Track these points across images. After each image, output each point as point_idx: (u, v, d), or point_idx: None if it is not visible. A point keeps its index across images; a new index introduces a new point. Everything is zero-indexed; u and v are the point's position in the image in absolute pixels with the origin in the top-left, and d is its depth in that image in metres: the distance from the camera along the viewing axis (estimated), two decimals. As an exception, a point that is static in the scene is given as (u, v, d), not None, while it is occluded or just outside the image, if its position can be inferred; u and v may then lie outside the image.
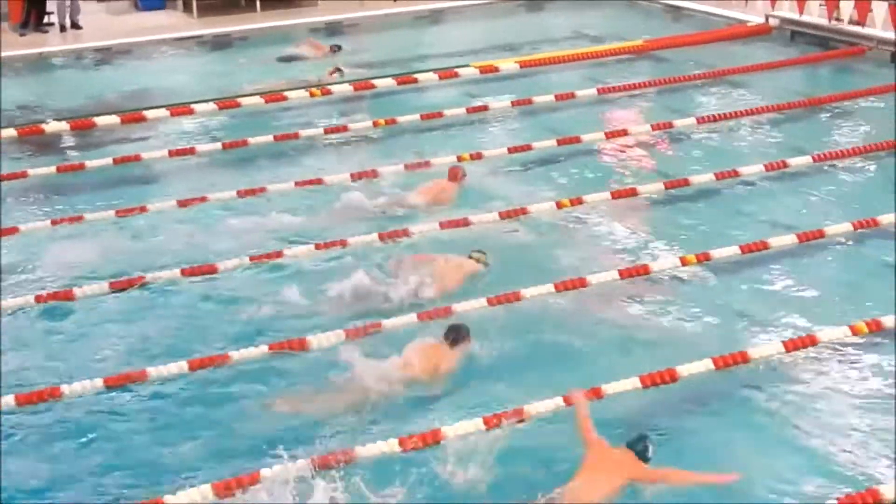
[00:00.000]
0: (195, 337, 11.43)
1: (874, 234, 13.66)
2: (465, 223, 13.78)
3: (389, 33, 22.90)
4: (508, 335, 11.25)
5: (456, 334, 10.82)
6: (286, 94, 18.64)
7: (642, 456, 9.16)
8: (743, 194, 14.92)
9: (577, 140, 16.56)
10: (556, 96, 18.68)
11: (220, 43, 22.55)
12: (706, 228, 13.89)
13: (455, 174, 14.91)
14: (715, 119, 17.55)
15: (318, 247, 13.18)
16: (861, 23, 21.13)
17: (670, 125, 17.27)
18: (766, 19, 22.69)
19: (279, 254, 13.01)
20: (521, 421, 9.78)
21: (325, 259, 13.03)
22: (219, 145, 16.70)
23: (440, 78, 19.68)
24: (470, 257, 12.54)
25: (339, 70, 19.85)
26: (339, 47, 21.46)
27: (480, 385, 10.51)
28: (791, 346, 10.93)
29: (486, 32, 23.19)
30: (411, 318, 11.52)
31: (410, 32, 23.18)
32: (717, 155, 16.27)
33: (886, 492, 8.91)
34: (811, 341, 11.03)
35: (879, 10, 20.78)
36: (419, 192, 14.70)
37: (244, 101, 18.36)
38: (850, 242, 13.49)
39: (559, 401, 9.97)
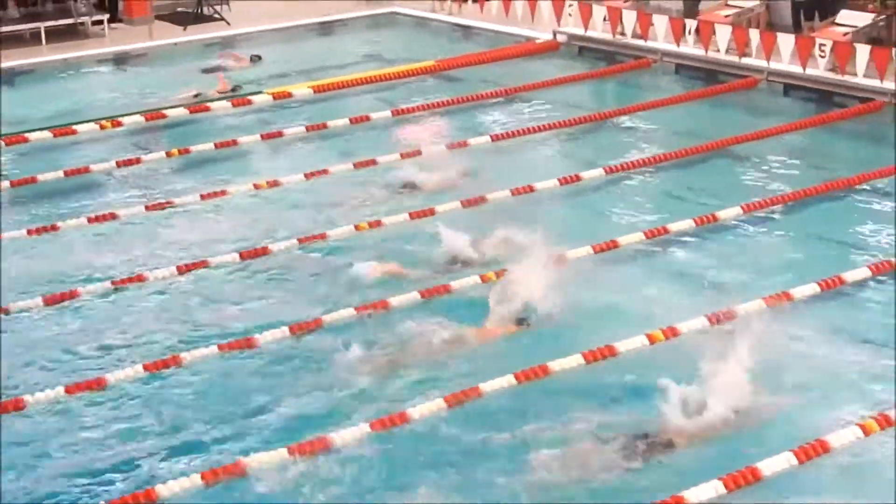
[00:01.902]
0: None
1: (665, 241, 14.01)
2: (265, 251, 13.71)
3: (180, 63, 22.59)
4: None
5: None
6: (76, 127, 18.22)
7: None
8: (538, 209, 15.10)
9: (373, 163, 16.58)
10: (350, 119, 18.68)
11: (4, 77, 21.89)
12: (504, 245, 13.99)
13: None
14: (508, 136, 17.76)
15: (114, 283, 12.94)
16: (644, 36, 21.67)
17: (465, 143, 17.41)
18: (554, 35, 23.09)
19: (74, 293, 12.72)
20: None
21: (123, 294, 12.83)
22: (6, 183, 16.21)
23: (234, 105, 19.48)
24: None
25: (258, 56, 22.20)
26: (260, 57, 22.57)
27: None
28: (591, 357, 11.13)
29: (279, 58, 23.03)
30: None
31: (201, 61, 22.91)
32: (513, 171, 16.45)
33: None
34: (609, 352, 11.24)
35: (661, 24, 21.34)
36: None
37: (32, 136, 17.87)
38: (644, 251, 13.80)
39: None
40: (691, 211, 14.67)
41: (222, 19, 25.45)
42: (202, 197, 15.44)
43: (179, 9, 26.38)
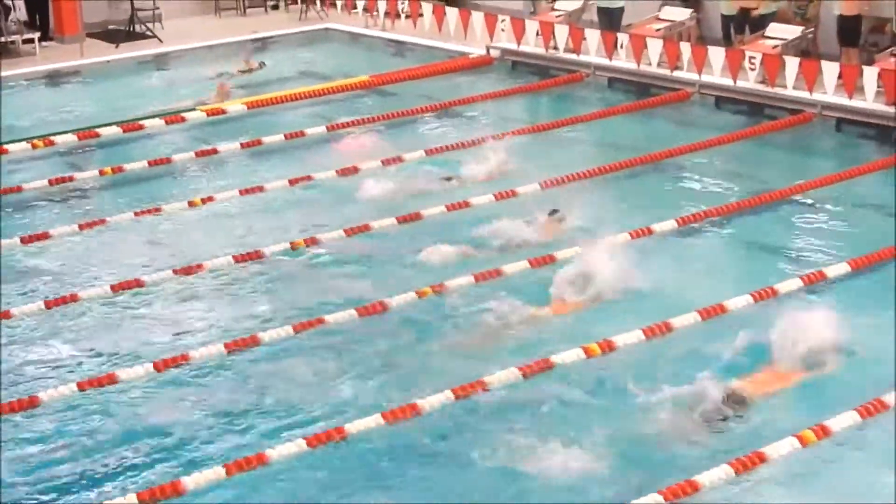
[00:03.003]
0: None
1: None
2: (200, 268, 13.66)
3: (113, 80, 22.47)
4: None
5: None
6: (8, 146, 18.02)
7: None
8: (473, 224, 15.11)
9: (309, 179, 16.55)
10: (285, 136, 18.61)
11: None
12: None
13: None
14: (444, 150, 17.77)
15: (46, 303, 12.84)
16: (576, 51, 21.79)
17: (400, 159, 17.41)
18: (487, 51, 23.17)
19: (6, 314, 12.60)
20: None
21: (56, 314, 12.74)
22: (-65, 204, 16.06)
23: (167, 123, 19.35)
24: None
25: (262, 63, 22.97)
26: (264, 63, 23.24)
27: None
28: (528, 370, 11.16)
29: (212, 75, 22.95)
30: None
31: (135, 78, 22.79)
32: (448, 186, 16.42)
33: None
34: (546, 364, 11.28)
35: (593, 38, 21.46)
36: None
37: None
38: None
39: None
40: (626, 224, 14.74)
41: (155, 37, 25.33)
42: (136, 215, 15.34)
43: (111, 26, 26.20)
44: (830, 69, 18.82)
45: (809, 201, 15.77)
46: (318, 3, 26.96)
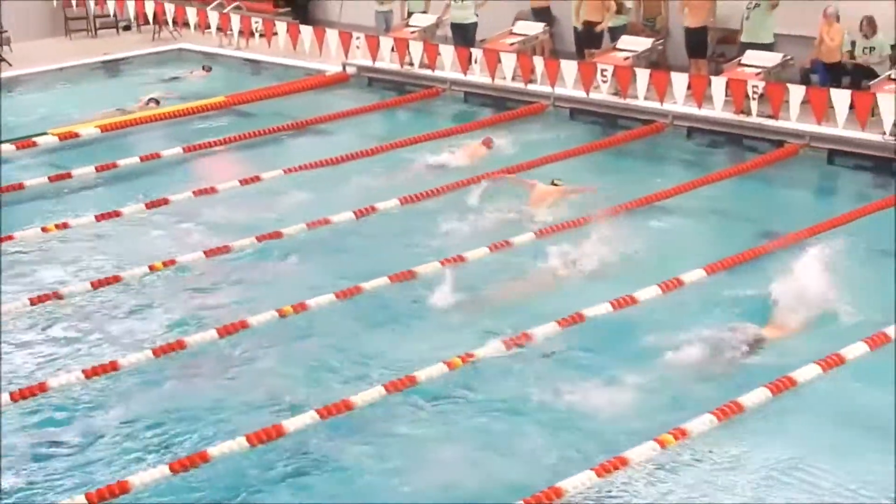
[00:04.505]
0: None
1: (460, 269, 14.06)
2: (56, 295, 13.43)
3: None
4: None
5: None
6: None
7: None
8: (336, 241, 15.12)
9: (166, 202, 16.38)
10: (141, 158, 18.40)
11: None
12: (302, 279, 14.05)
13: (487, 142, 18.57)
14: (302, 168, 17.73)
15: None
16: (432, 66, 21.92)
17: (258, 178, 17.33)
18: (344, 68, 23.19)
19: None
20: None
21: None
22: None
23: (18, 148, 18.98)
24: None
25: (207, 67, 24.25)
26: (210, 67, 24.35)
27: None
28: (391, 387, 11.19)
29: (63, 98, 22.60)
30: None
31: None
32: (308, 204, 16.42)
33: None
34: (410, 381, 11.33)
35: (447, 54, 21.59)
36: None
37: None
38: (439, 279, 13.88)
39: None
40: (486, 238, 14.85)
41: (3, 60, 24.88)
42: (-12, 243, 15.08)
43: (-42, 51, 25.71)
44: (680, 80, 19.21)
45: (664, 209, 16.05)
46: (170, 23, 26.68)
